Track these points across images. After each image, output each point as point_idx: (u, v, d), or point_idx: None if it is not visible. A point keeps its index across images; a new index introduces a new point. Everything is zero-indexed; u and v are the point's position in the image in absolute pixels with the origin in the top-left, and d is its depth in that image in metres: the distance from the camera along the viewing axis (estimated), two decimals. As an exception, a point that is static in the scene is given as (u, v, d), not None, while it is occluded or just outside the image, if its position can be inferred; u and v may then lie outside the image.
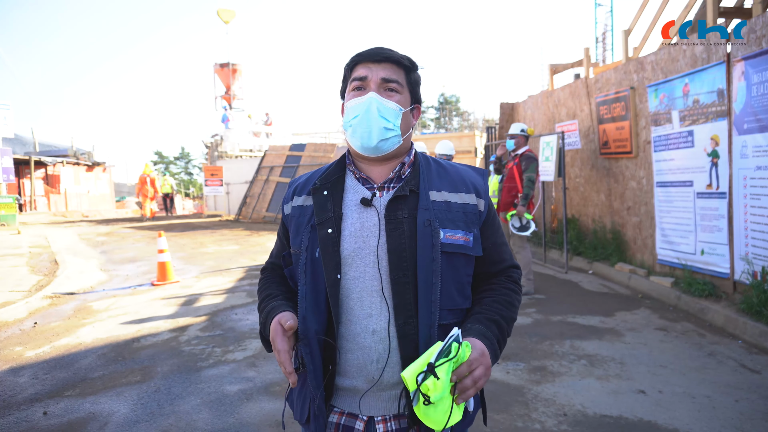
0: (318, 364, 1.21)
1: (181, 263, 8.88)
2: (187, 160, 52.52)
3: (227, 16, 31.52)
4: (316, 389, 1.21)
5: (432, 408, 1.03)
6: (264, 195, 16.78)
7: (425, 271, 1.19)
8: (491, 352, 1.17)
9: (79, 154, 26.23)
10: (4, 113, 15.03)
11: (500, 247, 1.37)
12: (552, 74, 10.11)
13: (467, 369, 1.08)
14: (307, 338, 1.21)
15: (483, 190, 1.34)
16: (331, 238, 1.23)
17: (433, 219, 1.23)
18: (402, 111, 1.27)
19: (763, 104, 4.69)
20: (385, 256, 1.22)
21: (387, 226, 1.22)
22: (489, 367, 1.13)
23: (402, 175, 1.30)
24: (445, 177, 1.32)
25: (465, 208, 1.29)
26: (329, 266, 1.22)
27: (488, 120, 33.21)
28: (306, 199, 1.32)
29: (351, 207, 1.27)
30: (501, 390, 3.50)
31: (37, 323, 5.44)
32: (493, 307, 1.28)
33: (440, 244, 1.21)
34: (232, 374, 3.91)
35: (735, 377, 3.63)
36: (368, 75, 1.26)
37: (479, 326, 1.21)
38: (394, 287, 1.20)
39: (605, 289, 6.39)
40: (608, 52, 28.18)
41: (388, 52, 1.29)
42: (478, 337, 1.17)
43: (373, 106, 1.23)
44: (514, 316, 1.32)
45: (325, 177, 1.32)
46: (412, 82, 1.32)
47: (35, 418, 3.26)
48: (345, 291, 1.23)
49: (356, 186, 1.30)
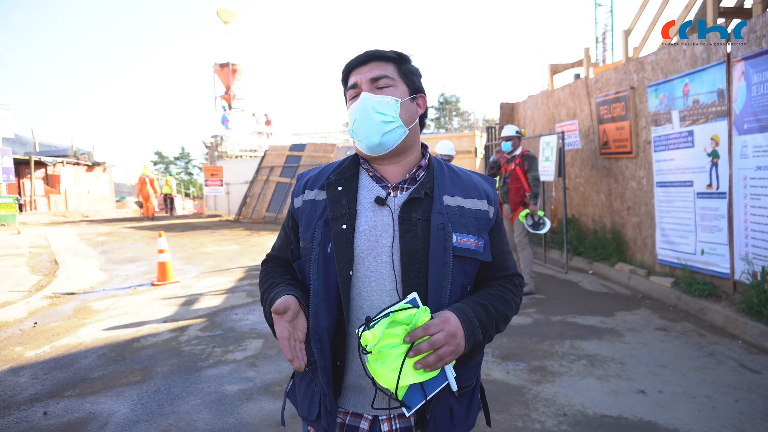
0: (328, 360, 1.21)
1: (181, 263, 8.88)
2: (187, 160, 52.55)
3: (227, 16, 31.54)
4: (326, 385, 1.21)
5: (379, 364, 1.04)
6: (264, 195, 16.78)
7: (436, 273, 1.20)
8: (466, 326, 1.13)
9: (79, 154, 26.22)
10: (4, 113, 15.03)
11: (505, 254, 1.37)
12: (552, 74, 10.11)
13: (422, 332, 1.06)
14: (318, 334, 1.20)
15: (493, 198, 1.36)
16: (345, 235, 1.23)
17: (447, 223, 1.23)
18: (399, 102, 1.27)
19: (763, 104, 4.69)
20: (398, 257, 1.22)
21: (401, 227, 1.23)
22: (454, 335, 1.09)
23: (417, 178, 1.30)
24: (458, 183, 1.33)
25: (477, 214, 1.30)
26: (342, 262, 1.21)
27: (488, 120, 33.22)
28: (318, 193, 1.31)
29: (365, 205, 1.27)
30: (501, 390, 3.50)
31: (37, 323, 5.44)
32: (485, 296, 1.27)
33: (453, 248, 1.22)
34: (232, 374, 3.91)
35: (735, 377, 3.63)
36: (358, 80, 1.28)
37: (461, 304, 1.19)
38: (405, 289, 1.20)
39: (605, 289, 6.39)
40: (608, 52, 28.19)
41: (371, 51, 1.30)
42: (453, 310, 1.15)
43: (366, 104, 1.24)
44: (508, 312, 1.29)
45: (340, 173, 1.31)
46: (406, 73, 1.32)
47: (35, 418, 3.26)
48: (356, 288, 1.23)
49: (370, 184, 1.30)
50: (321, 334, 1.20)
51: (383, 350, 1.05)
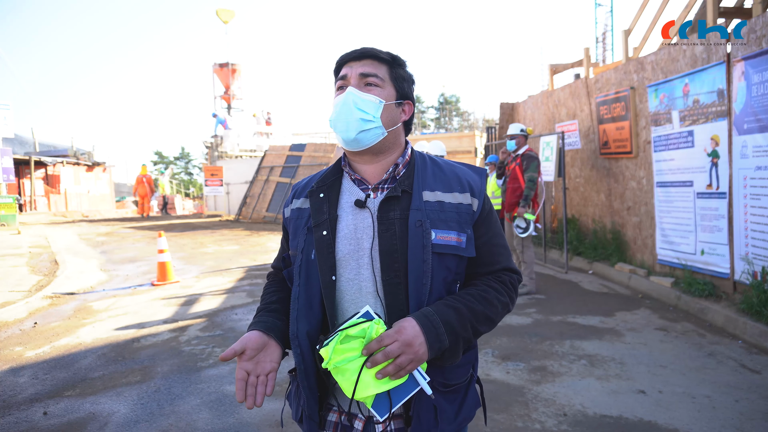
0: (309, 364, 1.22)
1: (181, 263, 8.88)
2: (187, 160, 52.54)
3: (226, 16, 31.51)
4: (306, 389, 1.22)
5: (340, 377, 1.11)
6: (264, 195, 16.78)
7: (416, 271, 1.19)
8: (428, 332, 1.12)
9: (79, 154, 26.20)
10: (4, 113, 15.01)
11: (494, 248, 1.31)
12: (552, 74, 10.11)
13: (377, 344, 1.09)
14: (297, 339, 1.22)
15: (478, 190, 1.31)
16: (326, 240, 1.24)
17: (425, 219, 1.22)
18: (383, 103, 1.27)
19: (763, 104, 4.69)
20: (377, 258, 1.22)
21: (379, 227, 1.22)
22: (410, 344, 1.10)
23: (396, 176, 1.30)
24: (439, 177, 1.31)
25: (458, 208, 1.27)
26: (324, 268, 1.23)
27: (488, 120, 33.21)
28: (304, 201, 1.34)
29: (346, 209, 1.28)
30: (501, 390, 3.50)
31: (37, 323, 5.44)
32: (461, 297, 1.23)
33: (431, 245, 1.21)
34: (232, 374, 3.91)
35: (735, 377, 3.63)
36: (348, 73, 1.29)
37: (428, 308, 1.17)
38: (386, 288, 1.20)
39: (605, 289, 6.39)
40: (608, 52, 28.17)
41: (368, 49, 1.31)
42: (416, 317, 1.14)
43: (349, 98, 1.25)
44: (490, 312, 1.24)
45: (322, 179, 1.33)
46: (397, 77, 1.32)
47: (35, 418, 3.26)
48: (340, 293, 1.24)
49: (351, 187, 1.31)
50: (300, 339, 1.22)
51: (340, 365, 1.10)
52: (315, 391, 1.23)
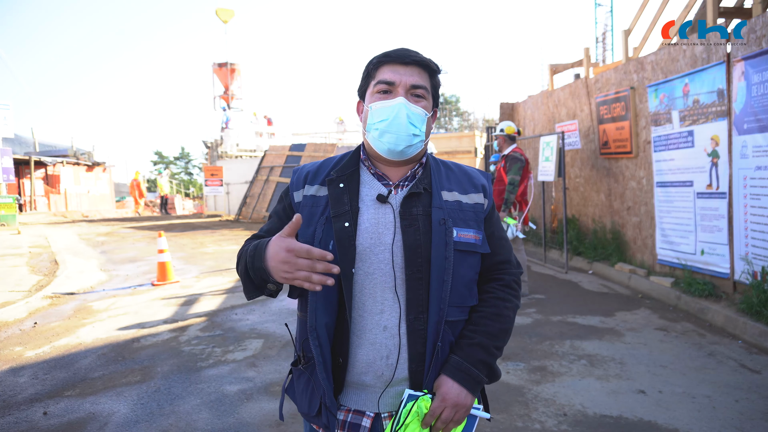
0: (328, 357, 1.21)
1: (181, 263, 8.88)
2: (187, 160, 52.50)
3: (226, 16, 31.47)
4: (325, 381, 1.21)
5: None
6: (264, 195, 16.78)
7: (438, 268, 1.21)
8: (467, 384, 1.21)
9: (79, 154, 26.19)
10: (4, 113, 15.00)
11: (497, 240, 1.37)
12: (552, 74, 10.10)
13: (431, 418, 1.18)
14: (316, 331, 1.21)
15: (489, 192, 1.38)
16: (348, 232, 1.23)
17: (447, 218, 1.25)
18: (427, 116, 1.28)
19: (763, 104, 4.69)
20: (400, 252, 1.23)
21: (402, 222, 1.23)
22: (456, 404, 1.19)
23: (415, 175, 1.32)
24: (454, 179, 1.35)
25: (475, 208, 1.32)
26: (344, 260, 1.21)
27: (488, 120, 33.19)
28: (319, 189, 1.31)
29: (367, 202, 1.27)
30: (501, 390, 3.50)
31: (37, 323, 5.44)
32: (477, 325, 1.28)
33: (453, 243, 1.23)
34: (232, 374, 3.91)
35: (735, 377, 3.63)
36: (396, 80, 1.25)
37: (455, 358, 1.24)
38: (408, 283, 1.21)
39: (605, 289, 6.39)
40: (608, 52, 28.15)
41: (415, 54, 1.28)
42: (451, 373, 1.21)
43: (402, 112, 1.23)
44: (506, 326, 1.31)
45: (341, 169, 1.31)
46: (435, 86, 1.33)
47: (35, 418, 3.26)
48: (357, 286, 1.23)
49: (372, 181, 1.30)
50: (319, 332, 1.21)
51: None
52: (332, 382, 1.23)
